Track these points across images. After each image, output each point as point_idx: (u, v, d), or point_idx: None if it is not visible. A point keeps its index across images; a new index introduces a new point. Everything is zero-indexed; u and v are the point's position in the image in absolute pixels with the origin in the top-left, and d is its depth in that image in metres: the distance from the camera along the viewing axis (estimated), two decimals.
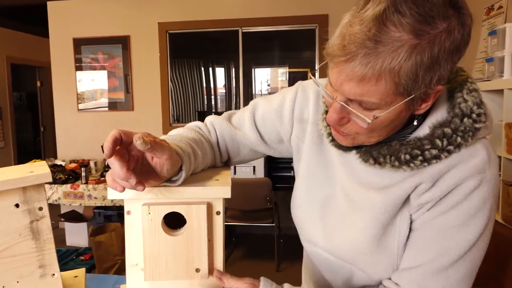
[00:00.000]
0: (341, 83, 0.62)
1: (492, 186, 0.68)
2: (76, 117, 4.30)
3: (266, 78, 4.59)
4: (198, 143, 0.79)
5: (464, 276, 0.70)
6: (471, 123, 0.66)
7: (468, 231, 0.68)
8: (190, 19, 4.05)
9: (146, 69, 4.17)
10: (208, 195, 0.67)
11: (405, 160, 0.68)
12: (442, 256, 0.70)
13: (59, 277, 0.79)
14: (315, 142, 0.85)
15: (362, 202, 0.77)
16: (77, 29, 4.19)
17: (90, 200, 3.50)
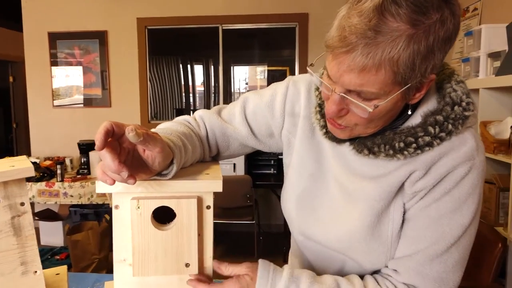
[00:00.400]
0: (341, 75, 0.63)
1: (481, 173, 0.71)
2: (51, 114, 4.19)
3: (244, 77, 4.58)
4: (188, 137, 0.78)
5: (459, 259, 0.73)
6: (461, 111, 0.70)
7: (461, 216, 0.71)
8: (170, 15, 4.00)
9: (124, 65, 4.10)
10: (199, 188, 0.66)
11: (399, 148, 0.71)
12: (438, 242, 0.72)
13: (41, 275, 0.77)
14: (306, 135, 0.86)
15: (357, 192, 0.78)
16: (52, 23, 4.07)
17: (66, 198, 3.41)
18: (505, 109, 2.22)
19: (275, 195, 3.97)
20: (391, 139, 0.72)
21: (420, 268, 0.74)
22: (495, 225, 2.16)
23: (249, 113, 0.91)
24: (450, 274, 0.73)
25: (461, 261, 0.74)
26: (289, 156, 0.91)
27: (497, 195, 2.11)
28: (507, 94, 2.21)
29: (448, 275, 0.73)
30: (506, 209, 2.11)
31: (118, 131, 0.59)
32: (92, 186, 3.40)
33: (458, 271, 0.74)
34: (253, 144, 0.93)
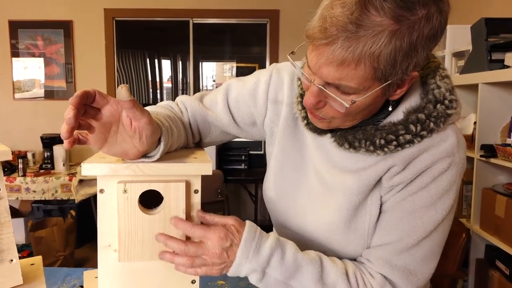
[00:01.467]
0: (320, 67, 0.62)
1: (460, 170, 0.72)
2: (12, 106, 4.01)
3: (212, 73, 4.55)
4: (173, 120, 0.77)
5: (428, 253, 0.74)
6: (443, 109, 0.69)
7: (435, 211, 0.72)
8: (139, 6, 3.91)
9: (91, 57, 3.97)
10: (188, 171, 0.66)
11: (379, 145, 0.70)
12: (409, 235, 0.73)
13: (18, 263, 0.74)
14: (289, 124, 0.86)
15: (336, 184, 0.79)
16: (13, 11, 3.88)
17: (28, 194, 3.28)
18: (468, 106, 2.32)
19: (246, 191, 3.97)
20: (372, 135, 0.71)
21: (389, 258, 0.74)
22: (458, 217, 2.26)
23: (231, 101, 0.89)
24: (419, 266, 0.74)
25: (431, 255, 0.74)
26: (272, 146, 0.91)
27: (461, 188, 2.20)
28: (470, 92, 2.32)
29: (416, 267, 0.74)
30: (469, 202, 2.21)
31: (100, 99, 0.57)
32: (56, 181, 3.28)
33: (428, 263, 0.75)
34: (235, 132, 0.92)
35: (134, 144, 0.61)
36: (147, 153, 0.65)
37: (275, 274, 0.70)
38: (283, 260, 0.70)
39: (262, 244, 0.70)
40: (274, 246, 0.70)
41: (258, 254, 0.69)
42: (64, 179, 3.30)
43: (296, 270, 0.71)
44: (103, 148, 0.61)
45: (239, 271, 0.70)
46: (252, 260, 0.69)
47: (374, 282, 0.74)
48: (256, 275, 0.70)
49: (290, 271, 0.70)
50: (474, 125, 2.14)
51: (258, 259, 0.69)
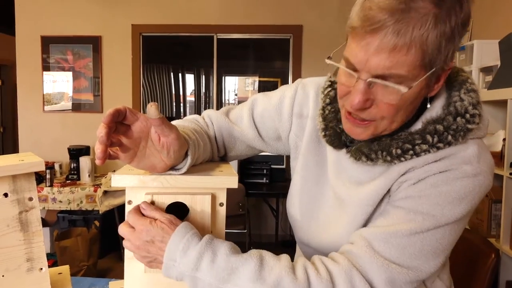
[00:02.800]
0: (368, 58, 0.60)
1: (481, 182, 0.67)
2: (41, 118, 4.14)
3: (234, 88, 4.59)
4: (199, 134, 0.78)
5: (418, 254, 0.67)
6: (464, 123, 0.67)
7: (440, 213, 0.66)
8: (165, 22, 4.01)
9: (117, 71, 4.08)
10: (215, 184, 0.66)
11: (396, 154, 0.69)
12: (402, 224, 0.67)
13: (47, 272, 0.76)
14: (313, 139, 0.86)
15: (350, 198, 0.77)
16: (46, 27, 4.04)
17: (54, 204, 3.35)
18: (497, 122, 2.27)
19: (266, 205, 3.96)
20: (388, 145, 0.70)
21: (377, 241, 0.68)
22: (487, 237, 2.19)
23: (257, 116, 0.90)
24: (406, 261, 0.67)
25: (423, 255, 0.67)
26: (295, 160, 0.91)
27: (490, 206, 2.14)
28: (499, 108, 2.26)
29: (404, 261, 0.67)
30: (498, 221, 2.14)
31: (131, 116, 0.59)
32: (81, 191, 3.35)
33: (419, 260, 0.67)
34: (260, 146, 0.93)
35: (162, 158, 0.63)
36: (174, 166, 0.66)
37: (207, 279, 0.63)
38: (213, 263, 0.64)
39: (190, 246, 0.64)
40: (204, 248, 0.64)
41: (185, 256, 0.63)
42: (89, 190, 3.37)
43: (231, 273, 0.64)
44: (132, 162, 0.63)
45: (169, 274, 0.65)
46: (180, 263, 0.64)
47: (336, 267, 0.67)
48: (187, 280, 0.65)
49: (223, 274, 0.63)
50: (503, 142, 2.09)
51: (185, 262, 0.63)
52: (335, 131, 0.78)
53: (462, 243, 2.10)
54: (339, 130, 0.78)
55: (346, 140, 0.78)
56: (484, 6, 2.81)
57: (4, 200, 0.70)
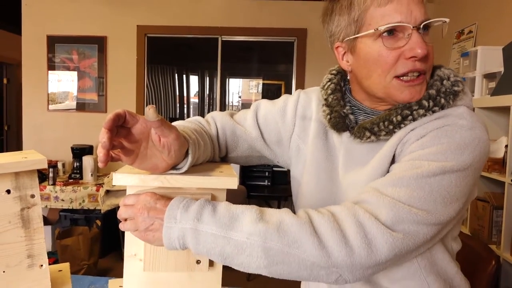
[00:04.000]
0: (411, 10, 0.71)
1: (477, 136, 0.70)
2: (46, 117, 4.16)
3: (238, 90, 4.61)
4: (200, 134, 0.79)
5: (428, 197, 0.66)
6: (450, 85, 0.76)
7: (444, 159, 0.68)
8: (171, 23, 4.03)
9: (122, 71, 4.10)
10: (215, 185, 0.67)
11: (397, 122, 0.75)
12: (408, 170, 0.68)
13: (47, 269, 0.77)
14: (321, 137, 0.89)
15: (365, 178, 0.79)
16: (52, 27, 4.07)
17: (56, 202, 3.37)
18: (499, 128, 2.26)
19: (268, 207, 3.96)
20: (388, 115, 0.76)
21: (384, 187, 0.68)
22: (488, 243, 2.18)
23: (260, 118, 0.94)
24: (416, 203, 0.66)
25: (432, 199, 0.66)
26: (299, 164, 0.93)
27: (491, 213, 2.13)
28: (502, 114, 2.26)
29: (412, 202, 0.66)
30: (499, 227, 2.14)
31: (131, 119, 0.60)
32: (84, 190, 3.36)
33: (430, 203, 0.66)
34: (261, 148, 0.95)
35: (163, 158, 0.64)
36: (176, 165, 0.67)
37: (209, 228, 0.63)
38: (215, 212, 0.64)
39: (190, 204, 0.65)
40: (203, 203, 0.65)
41: (187, 212, 0.64)
42: (91, 189, 3.38)
43: (233, 219, 0.64)
44: (134, 163, 0.64)
45: (170, 236, 0.64)
46: (181, 220, 0.63)
47: (337, 207, 0.68)
48: (190, 235, 0.63)
49: (225, 221, 0.64)
50: (506, 149, 2.08)
51: (187, 217, 0.63)
52: (339, 114, 0.83)
53: (463, 249, 2.10)
54: (343, 114, 0.83)
55: (350, 124, 0.83)
56: (488, 12, 2.81)
57: (6, 196, 0.71)
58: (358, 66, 0.79)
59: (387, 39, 0.73)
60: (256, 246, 0.62)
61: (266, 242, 0.62)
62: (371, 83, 0.78)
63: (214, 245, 0.63)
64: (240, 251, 0.63)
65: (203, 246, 0.63)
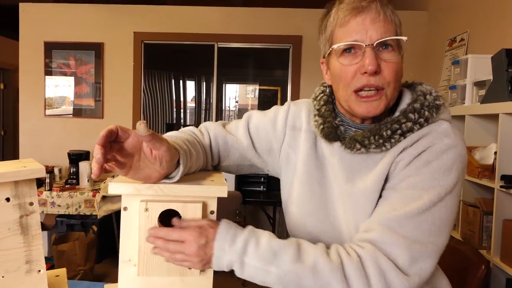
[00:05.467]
0: (367, 30, 0.77)
1: (460, 152, 0.78)
2: (42, 123, 4.18)
3: (235, 95, 4.65)
4: (192, 144, 0.83)
5: (433, 228, 0.75)
6: (432, 99, 0.82)
7: (438, 184, 0.76)
8: (167, 30, 4.07)
9: (119, 77, 4.13)
10: (206, 193, 0.70)
11: (387, 136, 0.80)
12: (413, 202, 0.75)
13: (44, 274, 0.79)
14: (311, 146, 0.92)
15: (357, 188, 0.84)
16: (49, 33, 4.10)
17: (53, 208, 3.38)
18: (489, 135, 2.31)
19: (263, 213, 3.99)
20: (378, 129, 0.81)
21: (391, 224, 0.75)
22: (478, 248, 2.21)
23: (252, 127, 0.98)
24: (424, 238, 0.74)
25: (436, 229, 0.75)
26: (289, 172, 0.96)
27: (481, 218, 2.17)
28: (491, 121, 2.31)
29: (421, 238, 0.74)
30: (489, 233, 2.17)
31: (123, 134, 0.64)
32: (80, 196, 3.38)
33: (433, 237, 0.75)
34: (251, 157, 0.98)
35: (155, 169, 0.68)
36: (168, 174, 0.70)
37: (253, 262, 0.72)
38: (258, 247, 0.73)
39: (237, 236, 0.74)
40: (248, 236, 0.74)
41: (234, 244, 0.73)
42: (88, 195, 3.40)
43: (273, 256, 0.73)
44: (128, 174, 0.68)
45: (220, 264, 0.73)
46: (229, 252, 0.72)
47: (362, 251, 0.74)
48: (236, 265, 0.73)
49: (267, 257, 0.72)
50: (495, 155, 2.12)
51: (234, 250, 0.72)
52: (331, 125, 0.88)
53: (454, 254, 2.14)
54: (335, 125, 0.88)
55: (341, 134, 0.87)
56: (480, 20, 2.86)
57: (6, 204, 0.74)
58: (332, 81, 0.87)
59: (346, 56, 0.81)
60: (293, 283, 0.72)
61: (302, 281, 0.72)
62: (339, 96, 0.86)
63: (256, 275, 0.74)
64: (278, 283, 0.73)
65: (247, 274, 0.74)
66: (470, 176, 2.25)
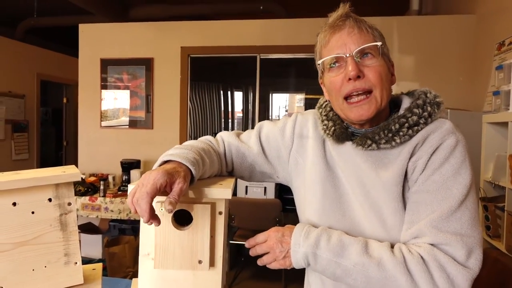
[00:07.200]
0: (345, 43, 0.86)
1: (465, 146, 0.85)
2: (99, 133, 4.50)
3: (284, 104, 4.74)
4: (207, 152, 0.92)
5: (471, 217, 0.81)
6: (433, 97, 0.90)
7: (462, 178, 0.82)
8: (211, 44, 4.25)
9: (167, 90, 4.36)
10: (212, 195, 0.78)
11: (395, 129, 0.86)
12: (448, 200, 0.81)
13: (80, 266, 0.91)
14: (319, 150, 0.98)
15: (373, 183, 0.88)
16: (105, 50, 4.43)
17: (106, 213, 3.62)
18: None
19: None
20: (387, 124, 0.88)
21: (439, 225, 0.80)
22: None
23: (263, 136, 1.06)
24: (469, 229, 0.79)
25: (474, 220, 0.81)
26: (300, 177, 1.02)
27: None
28: None
29: (467, 231, 0.79)
30: None
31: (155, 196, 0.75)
32: None
33: (475, 228, 0.80)
34: (262, 163, 1.05)
35: None
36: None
37: (325, 254, 0.83)
38: (329, 241, 0.83)
39: (310, 232, 0.87)
40: (320, 232, 0.86)
41: (308, 239, 0.85)
42: None
43: (343, 248, 0.82)
44: None
45: (297, 258, 0.85)
46: (303, 245, 0.84)
47: (421, 250, 0.80)
48: (310, 258, 0.84)
49: (337, 249, 0.82)
50: None
51: (308, 243, 0.84)
52: (341, 127, 0.95)
53: (495, 265, 2.06)
54: (345, 126, 0.96)
55: (351, 135, 0.94)
56: None
57: (48, 204, 0.86)
58: (328, 95, 0.95)
59: (333, 70, 0.90)
60: (360, 274, 0.80)
61: (369, 273, 0.80)
62: (335, 107, 0.93)
63: (328, 267, 0.83)
64: (347, 275, 0.82)
65: (320, 266, 0.84)
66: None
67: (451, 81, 3.80)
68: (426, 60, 3.86)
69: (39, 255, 0.86)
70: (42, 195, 0.85)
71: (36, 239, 0.86)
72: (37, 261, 0.86)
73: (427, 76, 3.86)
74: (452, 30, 3.80)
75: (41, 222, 0.86)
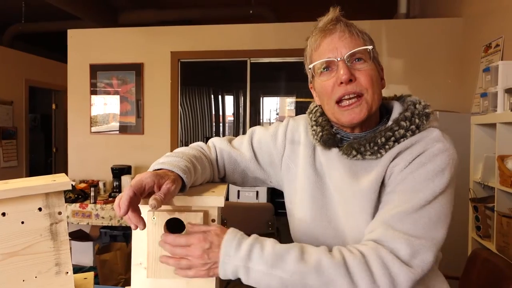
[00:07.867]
0: (336, 47, 0.87)
1: (452, 156, 0.84)
2: (89, 139, 4.46)
3: (274, 107, 4.75)
4: (198, 159, 0.92)
5: (427, 225, 0.80)
6: (422, 108, 0.90)
7: (432, 184, 0.82)
8: (201, 49, 4.25)
9: (157, 95, 4.34)
10: (204, 203, 0.78)
11: (381, 143, 0.87)
12: (410, 201, 0.81)
13: (71, 275, 0.90)
14: (310, 157, 0.99)
15: (354, 191, 0.89)
16: (94, 56, 4.40)
17: (97, 220, 3.59)
18: None
19: None
20: (373, 137, 0.88)
21: (392, 223, 0.80)
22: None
23: (255, 142, 1.06)
24: (421, 233, 0.79)
25: (432, 226, 0.80)
26: (291, 182, 1.02)
27: None
28: None
29: (418, 233, 0.78)
30: None
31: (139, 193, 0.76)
32: None
33: (430, 233, 0.79)
34: (254, 169, 1.05)
35: None
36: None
37: (258, 267, 0.76)
38: (262, 252, 0.76)
39: (242, 242, 0.78)
40: (253, 243, 0.78)
41: (239, 251, 0.77)
42: None
43: (277, 259, 0.76)
44: None
45: (225, 271, 0.77)
46: (234, 257, 0.76)
47: (364, 247, 0.78)
48: (242, 271, 0.76)
49: (271, 261, 0.75)
50: None
51: (239, 256, 0.76)
52: (329, 132, 0.95)
53: (486, 265, 2.08)
54: (333, 132, 0.96)
55: (338, 141, 0.94)
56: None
57: (38, 213, 0.85)
58: (319, 99, 0.96)
59: (324, 74, 0.90)
60: (297, 283, 0.75)
61: (306, 280, 0.75)
62: (327, 111, 0.94)
63: (261, 280, 0.76)
64: (283, 286, 0.76)
65: (253, 280, 0.77)
66: (503, 186, 2.19)
67: (440, 83, 3.84)
68: (415, 63, 3.90)
69: (30, 266, 0.85)
70: (32, 204, 0.84)
71: (26, 249, 0.85)
72: (28, 272, 0.85)
73: (415, 78, 3.90)
74: (440, 33, 3.84)
75: (31, 232, 0.85)
